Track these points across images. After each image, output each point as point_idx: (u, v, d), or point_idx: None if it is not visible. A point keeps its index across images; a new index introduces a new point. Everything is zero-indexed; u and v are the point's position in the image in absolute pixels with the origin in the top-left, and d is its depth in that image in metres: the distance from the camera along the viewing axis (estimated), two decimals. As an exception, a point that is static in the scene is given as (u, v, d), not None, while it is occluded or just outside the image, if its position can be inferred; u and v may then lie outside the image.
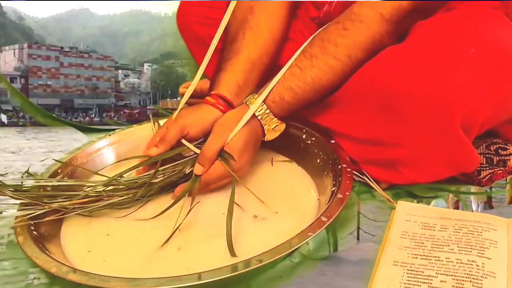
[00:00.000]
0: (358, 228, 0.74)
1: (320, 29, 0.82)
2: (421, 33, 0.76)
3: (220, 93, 0.85)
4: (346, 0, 0.85)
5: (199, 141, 0.83)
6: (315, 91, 0.79)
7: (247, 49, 0.89)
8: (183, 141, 0.82)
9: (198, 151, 0.79)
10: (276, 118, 0.80)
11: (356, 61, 0.78)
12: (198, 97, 0.92)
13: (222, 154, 0.76)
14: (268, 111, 0.79)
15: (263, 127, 0.80)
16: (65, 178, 0.83)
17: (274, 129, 0.81)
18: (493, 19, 0.76)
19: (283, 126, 0.82)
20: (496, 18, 0.77)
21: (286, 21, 0.96)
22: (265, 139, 0.81)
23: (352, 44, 0.77)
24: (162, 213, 0.72)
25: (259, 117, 0.79)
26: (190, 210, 0.70)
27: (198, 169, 0.77)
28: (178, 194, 0.75)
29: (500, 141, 0.90)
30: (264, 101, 0.79)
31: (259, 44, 0.90)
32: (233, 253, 0.62)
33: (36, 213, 0.69)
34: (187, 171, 0.79)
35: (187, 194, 0.74)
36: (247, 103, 0.80)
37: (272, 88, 0.79)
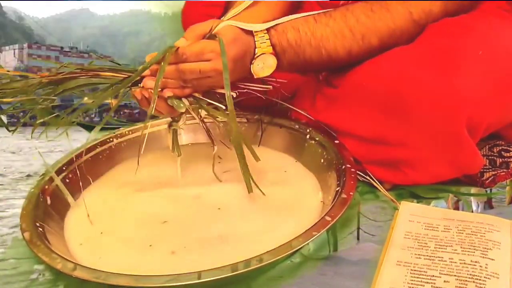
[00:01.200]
0: (358, 228, 0.74)
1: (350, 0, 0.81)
2: (429, 34, 0.76)
3: None
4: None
5: None
6: (316, 51, 0.78)
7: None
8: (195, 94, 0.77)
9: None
10: (271, 47, 0.77)
11: (367, 45, 0.78)
12: None
13: (209, 36, 0.74)
14: (266, 35, 0.77)
15: (255, 48, 0.77)
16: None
17: (265, 63, 0.78)
18: (502, 21, 0.76)
19: (272, 60, 0.78)
20: (505, 20, 0.77)
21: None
22: (253, 70, 0.78)
23: (372, 27, 0.77)
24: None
25: (255, 34, 0.77)
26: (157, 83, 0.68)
27: (180, 41, 0.73)
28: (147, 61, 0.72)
29: (503, 143, 0.91)
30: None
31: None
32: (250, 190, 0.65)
33: None
34: None
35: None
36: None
37: (280, 23, 0.78)
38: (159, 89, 0.72)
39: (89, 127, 0.80)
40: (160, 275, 0.55)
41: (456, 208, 0.89)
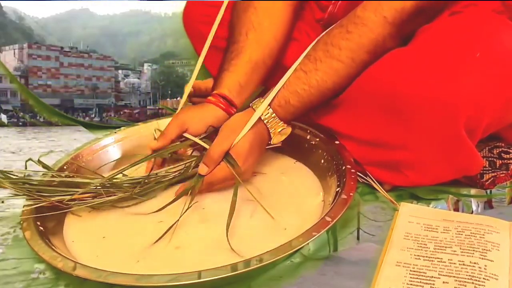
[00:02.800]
0: (358, 228, 0.74)
1: (324, 33, 0.82)
2: (426, 36, 0.76)
3: (221, 92, 0.87)
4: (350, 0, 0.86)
5: (201, 136, 0.83)
6: (321, 94, 0.80)
7: (250, 49, 0.90)
8: (186, 134, 0.82)
9: (202, 142, 0.80)
10: (282, 122, 0.80)
11: (360, 63, 0.79)
12: (203, 96, 0.93)
13: (227, 157, 0.77)
14: (274, 114, 0.80)
15: (269, 131, 0.80)
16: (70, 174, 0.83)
17: (280, 132, 0.81)
18: (498, 23, 0.76)
19: (289, 130, 0.82)
20: (501, 22, 0.77)
21: (290, 21, 0.96)
22: (271, 143, 0.82)
23: (356, 47, 0.78)
24: (161, 209, 0.73)
25: (265, 121, 0.79)
26: (187, 209, 0.70)
27: (202, 169, 0.77)
28: (180, 191, 0.76)
29: (503, 144, 0.91)
30: (270, 105, 0.80)
31: (262, 45, 0.91)
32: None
33: (40, 204, 0.69)
34: (191, 171, 0.80)
35: (189, 193, 0.74)
36: (253, 107, 0.81)
37: (278, 92, 0.80)
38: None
39: (88, 125, 0.80)
40: (161, 275, 0.55)
41: (456, 208, 0.89)
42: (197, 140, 0.82)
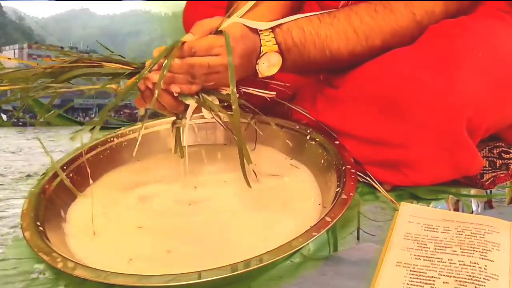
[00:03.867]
0: (358, 228, 0.74)
1: (350, 1, 0.82)
2: (429, 36, 0.76)
3: None
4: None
5: None
6: (321, 51, 0.79)
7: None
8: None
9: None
10: (276, 46, 0.78)
11: (370, 45, 0.78)
12: None
13: (217, 32, 0.74)
14: (271, 33, 0.77)
15: (260, 45, 0.77)
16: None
17: (270, 61, 0.78)
18: (501, 23, 0.77)
19: (277, 58, 0.79)
20: (504, 21, 0.77)
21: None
22: (258, 69, 0.79)
23: (376, 27, 0.78)
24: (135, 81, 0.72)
25: (260, 32, 0.77)
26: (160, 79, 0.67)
27: (187, 36, 0.73)
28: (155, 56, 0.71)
29: (503, 144, 0.91)
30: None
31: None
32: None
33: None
34: None
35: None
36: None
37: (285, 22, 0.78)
38: (166, 84, 0.71)
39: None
40: (161, 275, 0.55)
41: (456, 208, 0.89)
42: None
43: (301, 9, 1.03)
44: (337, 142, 0.85)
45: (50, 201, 0.75)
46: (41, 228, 0.67)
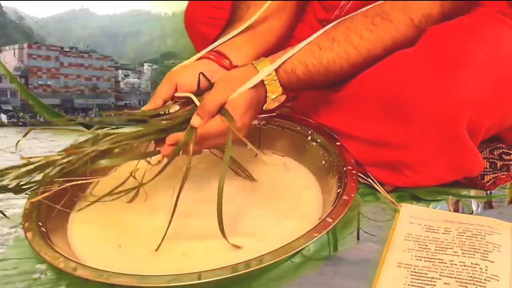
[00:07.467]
0: (358, 228, 0.74)
1: (345, 17, 0.81)
2: (430, 38, 0.76)
3: (215, 49, 0.84)
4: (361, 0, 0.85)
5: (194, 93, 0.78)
6: (326, 75, 0.79)
7: (248, 17, 0.88)
8: (177, 94, 0.77)
9: (194, 97, 0.75)
10: (281, 88, 0.78)
11: (372, 56, 0.79)
12: None
13: (222, 111, 0.73)
14: (276, 78, 0.77)
15: (266, 93, 0.77)
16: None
17: (275, 99, 0.78)
18: (502, 25, 0.77)
19: (283, 97, 0.79)
20: (505, 23, 0.77)
21: (291, 19, 0.97)
22: (264, 108, 0.79)
23: (376, 39, 0.78)
24: (157, 175, 0.72)
25: (265, 82, 0.77)
26: (188, 170, 0.68)
27: (195, 120, 0.72)
28: (170, 143, 0.70)
29: (503, 146, 0.91)
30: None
31: (262, 19, 0.90)
32: (224, 235, 0.63)
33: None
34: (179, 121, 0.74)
35: (180, 153, 0.70)
36: (256, 66, 0.77)
37: (286, 59, 0.78)
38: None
39: (88, 125, 0.79)
40: (161, 275, 0.55)
41: (456, 208, 0.90)
42: (189, 95, 0.76)
43: (304, 11, 1.03)
44: (338, 143, 0.85)
45: (51, 201, 0.75)
46: (43, 229, 0.67)
